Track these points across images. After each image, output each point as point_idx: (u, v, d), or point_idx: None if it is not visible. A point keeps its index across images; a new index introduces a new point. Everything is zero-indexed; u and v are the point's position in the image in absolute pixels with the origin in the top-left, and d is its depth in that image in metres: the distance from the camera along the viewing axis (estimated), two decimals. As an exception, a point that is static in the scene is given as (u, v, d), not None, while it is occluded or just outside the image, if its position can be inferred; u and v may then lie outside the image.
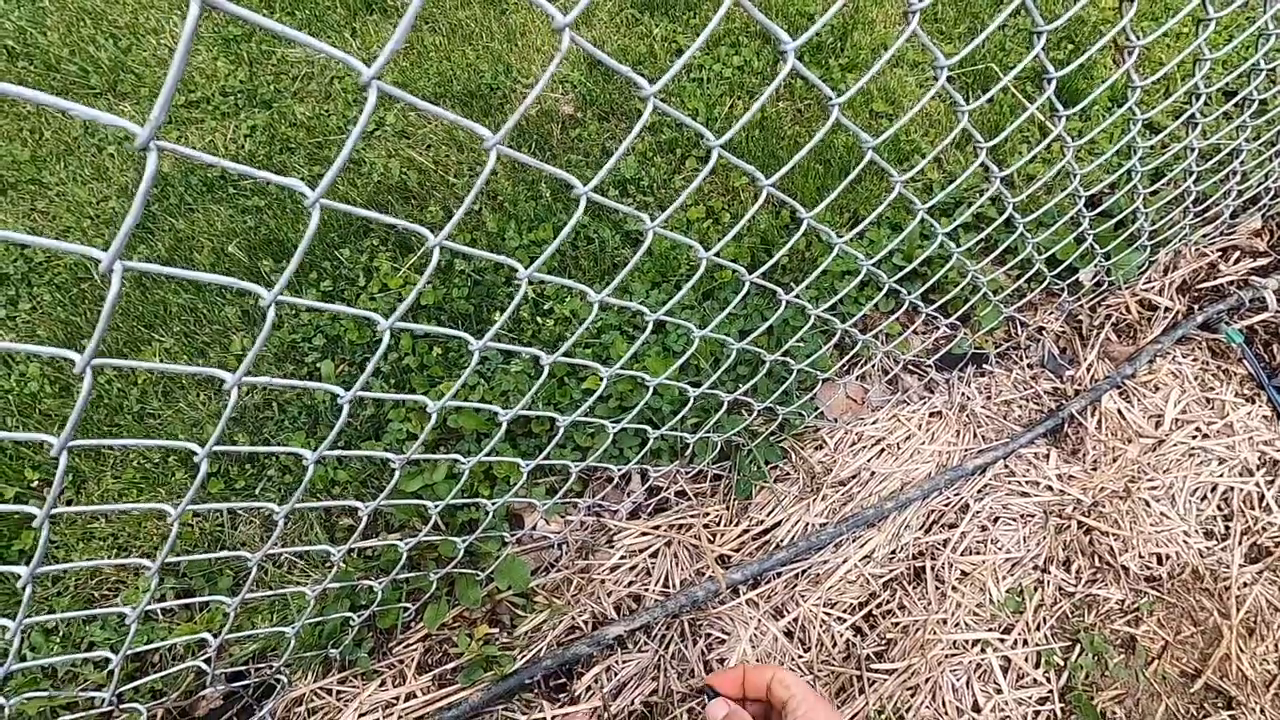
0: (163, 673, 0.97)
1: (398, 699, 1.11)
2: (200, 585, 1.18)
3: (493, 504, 1.00)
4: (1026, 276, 1.50)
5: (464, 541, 1.03)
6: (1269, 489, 1.38)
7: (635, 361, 1.37)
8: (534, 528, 1.26)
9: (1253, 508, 1.37)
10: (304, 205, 0.56)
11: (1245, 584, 1.31)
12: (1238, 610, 1.29)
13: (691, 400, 1.09)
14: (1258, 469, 1.39)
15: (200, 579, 1.18)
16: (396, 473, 0.78)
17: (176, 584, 1.20)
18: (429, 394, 1.37)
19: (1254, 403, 1.44)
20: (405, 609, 1.14)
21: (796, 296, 0.95)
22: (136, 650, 1.12)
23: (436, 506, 0.91)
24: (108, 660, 0.80)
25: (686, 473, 1.30)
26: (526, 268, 0.66)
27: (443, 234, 0.58)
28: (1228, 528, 1.35)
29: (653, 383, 0.96)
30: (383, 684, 1.13)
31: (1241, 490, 1.37)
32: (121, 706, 1.01)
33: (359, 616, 1.04)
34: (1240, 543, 1.34)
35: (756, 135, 1.75)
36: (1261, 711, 1.23)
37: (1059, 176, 1.63)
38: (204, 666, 0.96)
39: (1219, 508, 1.36)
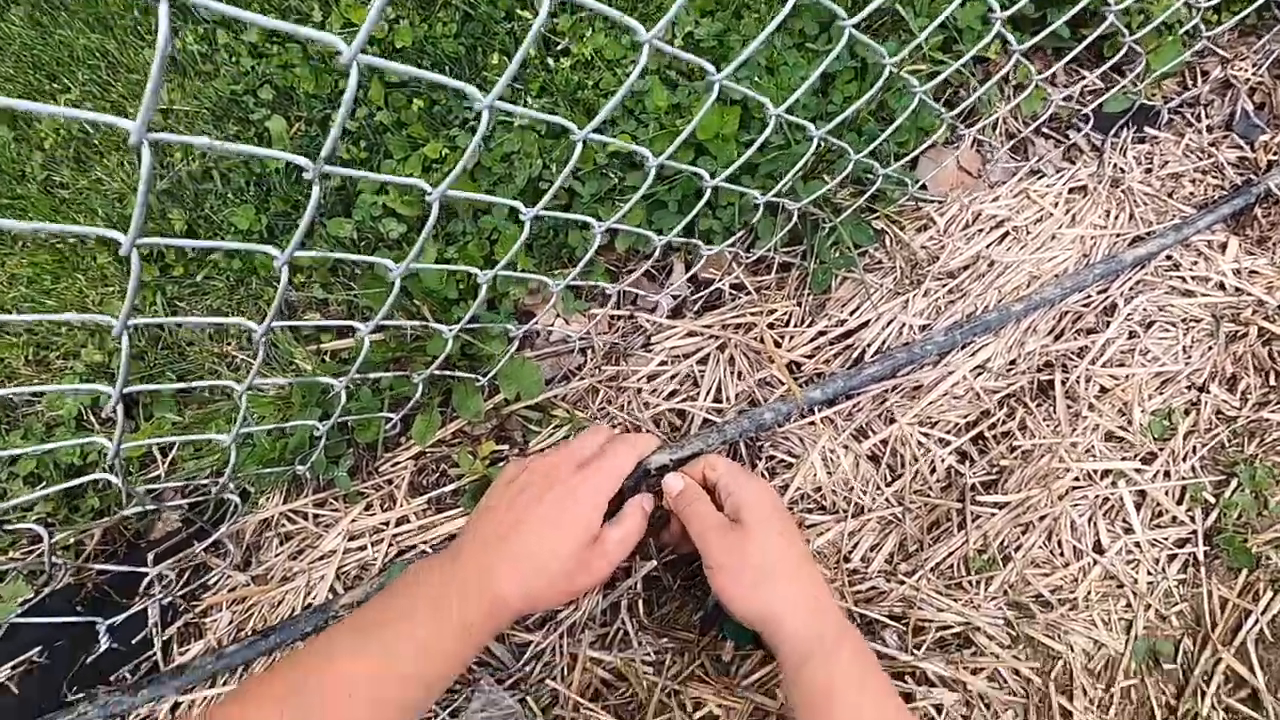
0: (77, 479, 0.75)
1: (387, 524, 0.91)
2: (135, 380, 0.95)
3: (485, 275, 0.71)
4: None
5: (452, 331, 0.76)
6: None
7: (679, 117, 1.02)
8: (550, 326, 0.99)
9: None
10: None
11: None
12: None
13: (762, 137, 0.76)
14: None
15: (136, 379, 0.95)
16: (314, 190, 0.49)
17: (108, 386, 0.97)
18: (409, 160, 1.05)
19: None
20: (388, 419, 0.90)
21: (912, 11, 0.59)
22: (69, 458, 0.92)
23: (395, 270, 0.63)
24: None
25: (745, 259, 0.99)
26: None
27: None
28: None
29: (697, 121, 0.62)
30: (369, 507, 0.92)
31: None
32: (58, 522, 0.82)
33: (324, 424, 0.80)
34: None
35: None
36: None
37: None
38: (110, 482, 0.73)
39: None
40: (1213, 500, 0.98)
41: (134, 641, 0.86)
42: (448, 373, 0.89)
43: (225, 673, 0.86)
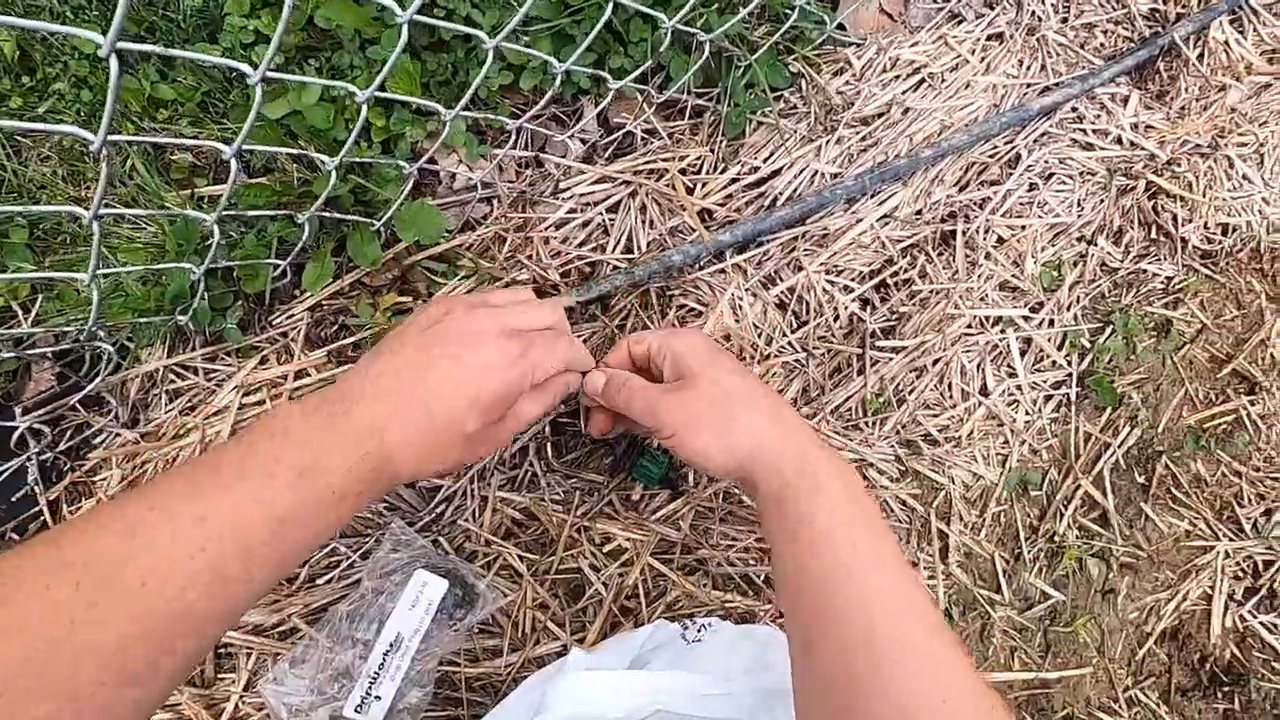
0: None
1: (285, 377, 0.87)
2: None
3: (363, 94, 0.65)
4: None
5: (333, 162, 0.70)
6: (1373, 151, 1.11)
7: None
8: (453, 173, 0.93)
9: (1346, 174, 1.12)
10: None
11: (1307, 263, 1.11)
12: (1290, 292, 1.10)
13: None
14: (1368, 126, 1.11)
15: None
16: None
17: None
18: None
19: (1394, 38, 1.12)
20: (275, 266, 0.84)
21: None
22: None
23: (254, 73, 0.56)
24: None
25: (657, 99, 0.95)
26: None
27: None
28: (1312, 196, 1.11)
29: None
30: (264, 361, 0.88)
31: (1341, 152, 1.11)
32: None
33: (199, 269, 0.75)
34: (1318, 215, 1.11)
35: None
36: (1281, 397, 1.11)
37: None
38: (27, 329, 0.66)
39: (1310, 172, 1.11)
40: (1089, 346, 1.05)
41: (14, 499, 0.81)
42: (339, 215, 0.83)
43: (121, 528, 0.83)
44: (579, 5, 0.88)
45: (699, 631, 0.79)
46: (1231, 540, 1.07)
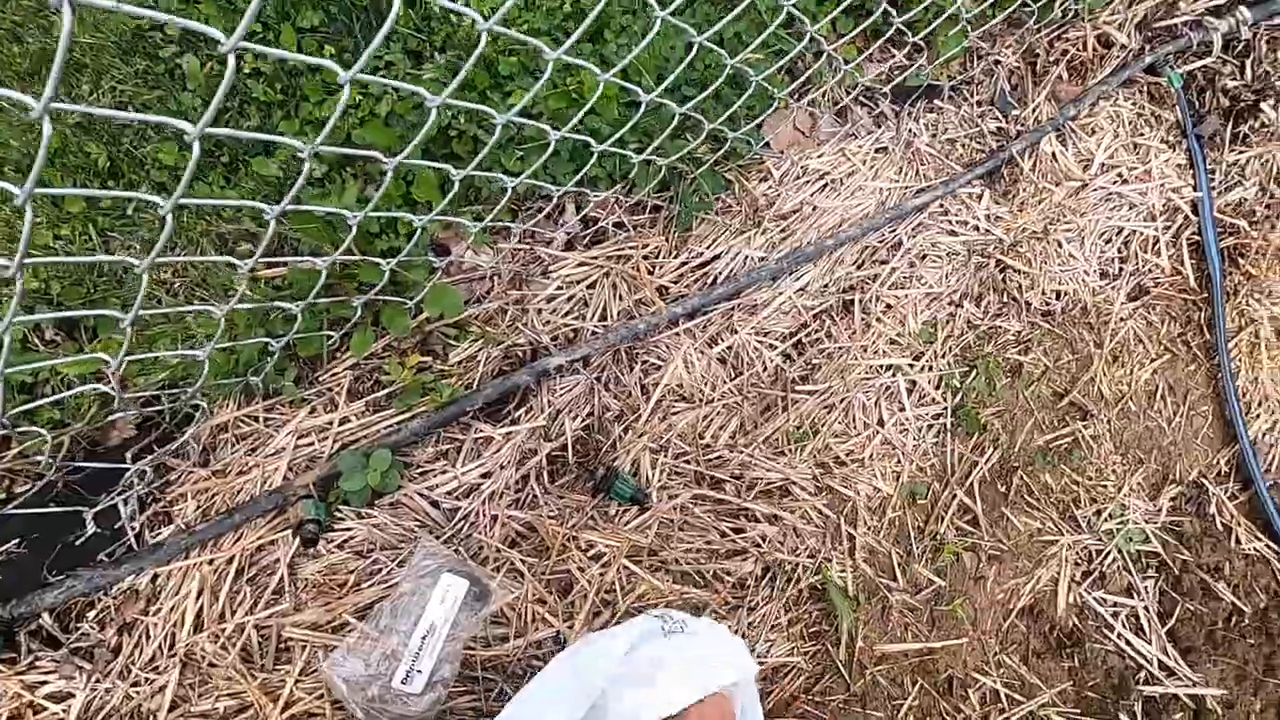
0: (55, 397, 0.88)
1: (331, 424, 1.09)
2: (76, 306, 1.05)
3: (420, 220, 0.90)
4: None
5: (388, 264, 0.94)
6: (1164, 234, 1.47)
7: (569, 76, 1.20)
8: (461, 257, 1.18)
9: (1146, 251, 1.47)
10: None
11: (1121, 319, 1.45)
12: (1109, 341, 1.44)
13: (638, 113, 0.97)
14: (1159, 215, 1.47)
15: (79, 303, 1.05)
16: (306, 165, 0.65)
17: (51, 312, 1.06)
18: (325, 105, 1.17)
19: (1174, 150, 1.48)
20: (329, 337, 1.07)
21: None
22: (19, 377, 1.02)
23: (355, 217, 0.80)
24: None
25: (625, 202, 1.22)
26: None
27: None
28: (1120, 268, 1.45)
29: (601, 77, 0.83)
30: (313, 410, 1.10)
31: (1141, 234, 1.46)
32: (19, 431, 0.93)
33: (277, 343, 0.97)
34: (1127, 282, 1.45)
35: None
36: (1108, 422, 1.43)
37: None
38: (109, 390, 0.87)
39: (1118, 250, 1.45)
40: (959, 385, 1.36)
41: (110, 530, 1.01)
42: (379, 297, 1.06)
43: (197, 546, 1.03)
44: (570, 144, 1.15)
45: (673, 625, 1.01)
46: (1072, 535, 1.38)
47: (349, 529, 1.04)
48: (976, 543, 1.33)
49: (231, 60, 0.52)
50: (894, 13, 1.17)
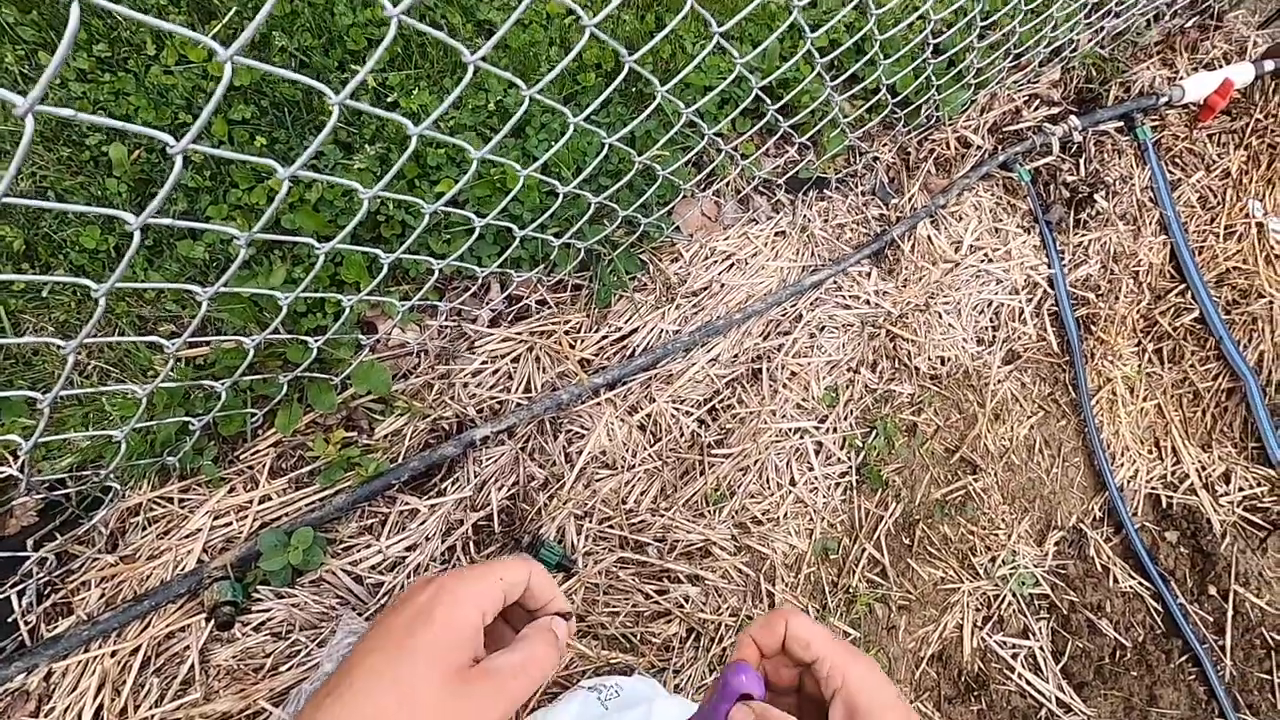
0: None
1: (251, 503, 1.08)
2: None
3: (348, 300, 0.94)
4: (869, 105, 1.58)
5: (316, 342, 0.98)
6: (1027, 305, 1.67)
7: (493, 167, 1.29)
8: (388, 335, 1.22)
9: (1013, 320, 1.66)
10: None
11: (999, 381, 1.62)
12: (990, 400, 1.60)
13: (557, 202, 1.07)
14: (1022, 289, 1.67)
15: (-15, 390, 1.02)
16: (241, 253, 0.70)
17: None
18: (255, 191, 1.21)
19: (1030, 233, 1.70)
20: (251, 415, 1.08)
21: (667, 93, 0.94)
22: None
23: (286, 298, 0.84)
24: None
25: (547, 281, 1.30)
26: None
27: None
28: (994, 335, 1.63)
29: (522, 172, 0.92)
30: (232, 490, 1.09)
31: (1008, 306, 1.65)
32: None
33: (198, 422, 0.97)
34: (1001, 348, 1.63)
35: (622, -76, 1.60)
36: (995, 475, 1.57)
37: (907, 9, 1.69)
38: (16, 474, 0.85)
39: (990, 320, 1.63)
40: (861, 445, 1.47)
41: (8, 620, 0.95)
42: (305, 374, 1.08)
43: (99, 637, 0.99)
44: (491, 210, 1.23)
45: (609, 694, 1.02)
46: (971, 581, 1.48)
47: (267, 609, 1.02)
48: (886, 593, 1.42)
49: (179, 161, 0.57)
50: (781, 118, 1.33)
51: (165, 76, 1.24)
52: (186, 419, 0.98)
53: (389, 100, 1.32)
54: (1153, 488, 1.66)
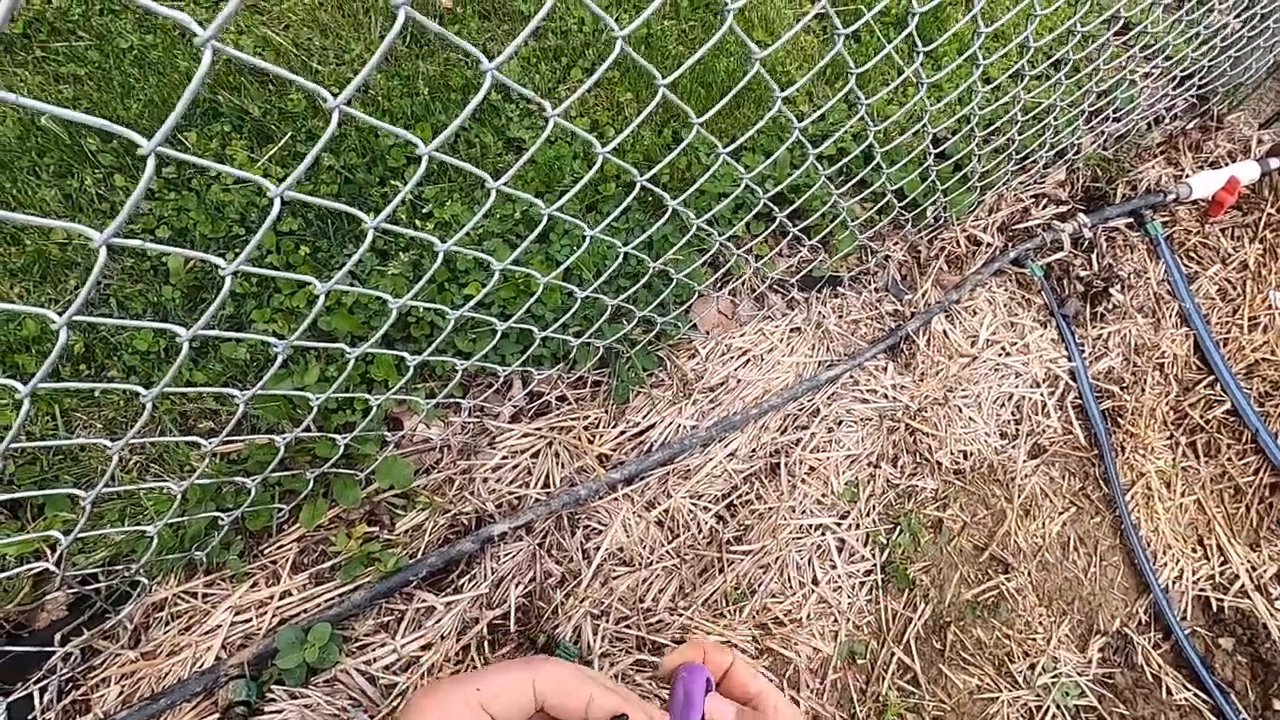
0: (-2, 578, 0.89)
1: (272, 598, 1.10)
2: (28, 486, 1.08)
3: (376, 399, 0.99)
4: (878, 208, 1.65)
5: (344, 439, 1.02)
6: (1050, 398, 1.66)
7: (519, 269, 1.37)
8: (413, 430, 1.26)
9: (1036, 414, 1.65)
10: (194, 44, 0.52)
11: (1026, 475, 1.59)
12: (1018, 496, 1.56)
13: (577, 304, 1.13)
14: (1043, 382, 1.66)
15: (30, 483, 1.07)
16: (279, 357, 0.75)
17: (1, 492, 1.08)
18: (296, 296, 1.30)
19: (1046, 327, 1.71)
20: (278, 510, 1.11)
21: (682, 204, 1.00)
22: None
23: (317, 399, 0.89)
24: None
25: (567, 378, 1.34)
26: (407, 165, 0.65)
27: (342, 97, 0.56)
28: (1017, 429, 1.62)
29: (543, 280, 0.98)
30: (254, 585, 1.11)
31: (1030, 399, 1.64)
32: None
33: (227, 517, 1.01)
34: (1025, 442, 1.61)
35: (642, 51, 1.75)
36: (1028, 574, 1.52)
37: (910, 119, 1.79)
38: (53, 568, 0.89)
39: (1012, 413, 1.62)
40: (885, 542, 1.44)
41: (29, 719, 0.96)
42: (331, 469, 1.12)
43: (115, 739, 0.98)
44: (515, 311, 1.30)
45: None
46: (1010, 691, 1.40)
47: (280, 709, 1.01)
48: (919, 703, 1.34)
49: (229, 280, 0.63)
50: (789, 222, 1.40)
51: (223, 194, 1.36)
52: (217, 514, 1.01)
53: (424, 211, 1.43)
54: (1201, 589, 1.58)
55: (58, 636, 0.97)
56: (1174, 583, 1.59)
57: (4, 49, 1.45)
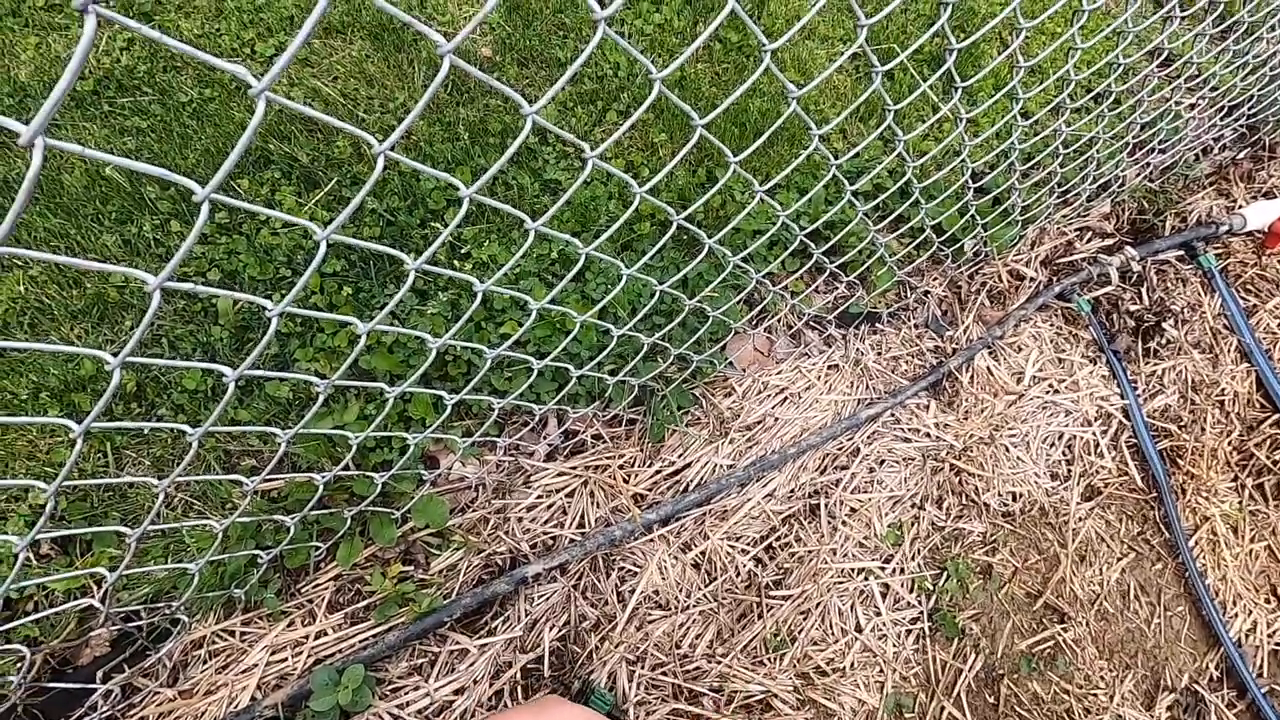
0: (39, 614, 0.90)
1: (307, 637, 1.09)
2: (79, 522, 1.10)
3: (413, 438, 0.99)
4: (916, 243, 1.63)
5: (381, 478, 1.02)
6: (1103, 437, 1.59)
7: (555, 307, 1.38)
8: (450, 469, 1.26)
9: (1089, 453, 1.58)
10: (249, 95, 0.54)
11: (1080, 518, 1.52)
12: (1073, 540, 1.49)
13: (612, 342, 1.12)
14: (1095, 420, 1.60)
15: (80, 519, 1.10)
16: (321, 396, 0.76)
17: (51, 525, 1.11)
18: (338, 336, 1.32)
19: (1095, 363, 1.65)
20: (316, 548, 1.11)
21: (718, 242, 1.00)
22: (13, 590, 1.04)
23: (356, 438, 0.90)
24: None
25: (602, 416, 1.33)
26: (447, 207, 0.66)
27: (387, 143, 0.57)
28: (1069, 470, 1.55)
29: (579, 319, 0.98)
30: (291, 624, 1.11)
31: (1081, 438, 1.58)
32: (-3, 650, 0.94)
33: (266, 555, 1.01)
34: (1078, 483, 1.54)
35: (677, 93, 1.78)
36: (1086, 625, 1.44)
37: (947, 154, 1.78)
38: (98, 605, 0.90)
39: (1063, 453, 1.56)
40: (932, 588, 1.38)
41: (66, 757, 0.97)
42: (368, 508, 1.12)
43: (150, 780, 0.98)
44: (551, 350, 1.30)
45: None
46: (1072, 751, 1.32)
47: (312, 755, 1.00)
48: (973, 762, 1.27)
49: (275, 322, 0.65)
50: (829, 259, 1.39)
51: (271, 237, 1.40)
52: (256, 551, 1.02)
53: (462, 252, 1.45)
54: (1277, 643, 1.47)
55: (100, 673, 0.98)
56: (1246, 636, 1.49)
57: (75, 105, 1.54)
